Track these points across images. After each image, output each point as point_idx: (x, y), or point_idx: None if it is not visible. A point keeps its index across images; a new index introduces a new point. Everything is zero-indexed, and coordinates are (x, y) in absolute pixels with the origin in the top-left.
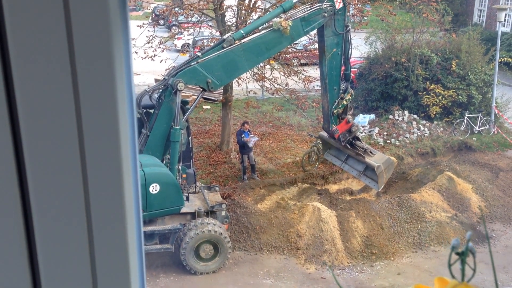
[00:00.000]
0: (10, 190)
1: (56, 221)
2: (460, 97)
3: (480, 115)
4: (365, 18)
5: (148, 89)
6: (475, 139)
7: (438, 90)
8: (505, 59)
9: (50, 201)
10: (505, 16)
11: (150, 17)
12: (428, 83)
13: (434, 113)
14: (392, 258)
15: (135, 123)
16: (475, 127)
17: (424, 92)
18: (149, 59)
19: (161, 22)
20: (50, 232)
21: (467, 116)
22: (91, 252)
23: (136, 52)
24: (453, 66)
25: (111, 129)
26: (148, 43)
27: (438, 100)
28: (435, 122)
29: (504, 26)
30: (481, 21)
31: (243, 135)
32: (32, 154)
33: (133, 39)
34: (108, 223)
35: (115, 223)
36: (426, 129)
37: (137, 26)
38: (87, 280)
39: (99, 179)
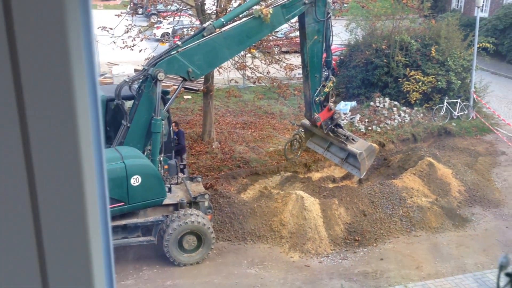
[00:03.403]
0: None
1: None
2: (439, 83)
3: (459, 100)
4: (345, 5)
5: (127, 80)
6: (455, 124)
7: (418, 76)
8: (483, 44)
9: None
10: (483, 2)
11: (128, 6)
12: (408, 69)
13: (414, 99)
14: (374, 244)
15: (100, 118)
16: (454, 112)
17: (404, 79)
18: (128, 49)
19: (140, 11)
20: None
21: (447, 102)
22: (40, 255)
23: (114, 42)
24: (433, 52)
25: (66, 125)
26: (127, 32)
27: (418, 86)
28: (415, 108)
29: (482, 11)
30: (459, 6)
31: (174, 136)
32: None
33: (111, 29)
34: (63, 223)
35: (72, 223)
36: (406, 115)
37: (115, 15)
38: (36, 284)
39: (51, 180)
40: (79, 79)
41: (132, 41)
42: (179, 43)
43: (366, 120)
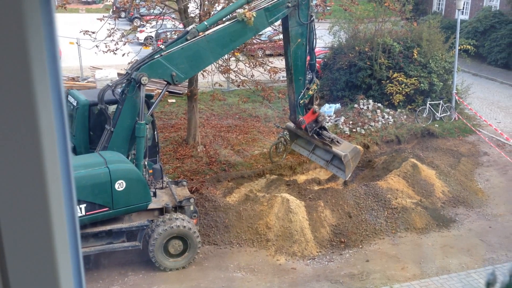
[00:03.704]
0: None
1: None
2: (422, 84)
3: (441, 102)
4: (328, 8)
5: (110, 84)
6: (437, 125)
7: (400, 78)
8: (464, 46)
9: None
10: (464, 4)
11: (111, 10)
12: (391, 71)
13: (398, 101)
14: (360, 246)
15: (66, 123)
16: (437, 114)
17: (388, 81)
18: (110, 53)
19: (123, 14)
20: None
21: (429, 103)
22: (1, 262)
23: (97, 46)
24: (415, 55)
25: (27, 131)
26: (110, 36)
27: (401, 88)
28: (399, 110)
29: (462, 14)
30: (440, 9)
31: None
32: None
33: (94, 33)
34: (25, 231)
35: (35, 230)
36: (390, 117)
37: (97, 19)
38: None
39: (11, 185)
40: (41, 85)
41: (115, 45)
42: (163, 46)
43: (351, 122)
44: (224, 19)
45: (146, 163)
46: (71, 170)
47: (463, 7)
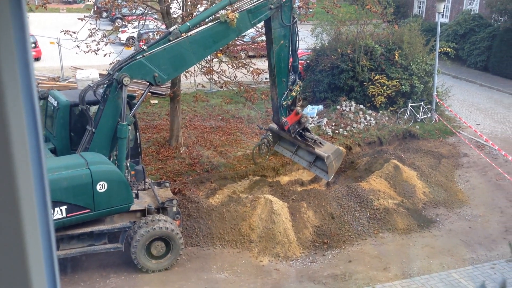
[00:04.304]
0: None
1: None
2: (403, 86)
3: (422, 104)
4: (311, 10)
5: (92, 84)
6: (418, 127)
7: (382, 80)
8: (445, 49)
9: None
10: (444, 8)
11: (92, 10)
12: (373, 73)
13: (379, 103)
14: (343, 247)
15: (38, 124)
16: (418, 115)
17: (370, 83)
18: (92, 53)
19: (104, 14)
20: None
21: (410, 105)
22: None
23: (78, 46)
24: (396, 57)
25: None
26: (91, 36)
27: (382, 90)
28: (381, 111)
29: (442, 17)
30: (421, 12)
31: None
32: None
33: (74, 33)
34: None
35: (3, 232)
36: (372, 119)
37: (78, 19)
38: None
39: None
40: (11, 86)
41: (97, 45)
42: (145, 47)
43: (333, 124)
44: (207, 20)
45: (128, 164)
46: (44, 172)
47: (443, 10)
